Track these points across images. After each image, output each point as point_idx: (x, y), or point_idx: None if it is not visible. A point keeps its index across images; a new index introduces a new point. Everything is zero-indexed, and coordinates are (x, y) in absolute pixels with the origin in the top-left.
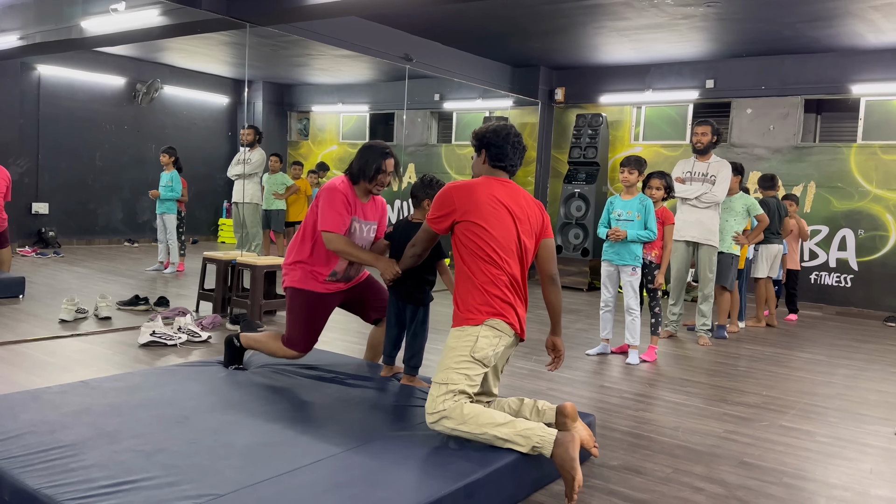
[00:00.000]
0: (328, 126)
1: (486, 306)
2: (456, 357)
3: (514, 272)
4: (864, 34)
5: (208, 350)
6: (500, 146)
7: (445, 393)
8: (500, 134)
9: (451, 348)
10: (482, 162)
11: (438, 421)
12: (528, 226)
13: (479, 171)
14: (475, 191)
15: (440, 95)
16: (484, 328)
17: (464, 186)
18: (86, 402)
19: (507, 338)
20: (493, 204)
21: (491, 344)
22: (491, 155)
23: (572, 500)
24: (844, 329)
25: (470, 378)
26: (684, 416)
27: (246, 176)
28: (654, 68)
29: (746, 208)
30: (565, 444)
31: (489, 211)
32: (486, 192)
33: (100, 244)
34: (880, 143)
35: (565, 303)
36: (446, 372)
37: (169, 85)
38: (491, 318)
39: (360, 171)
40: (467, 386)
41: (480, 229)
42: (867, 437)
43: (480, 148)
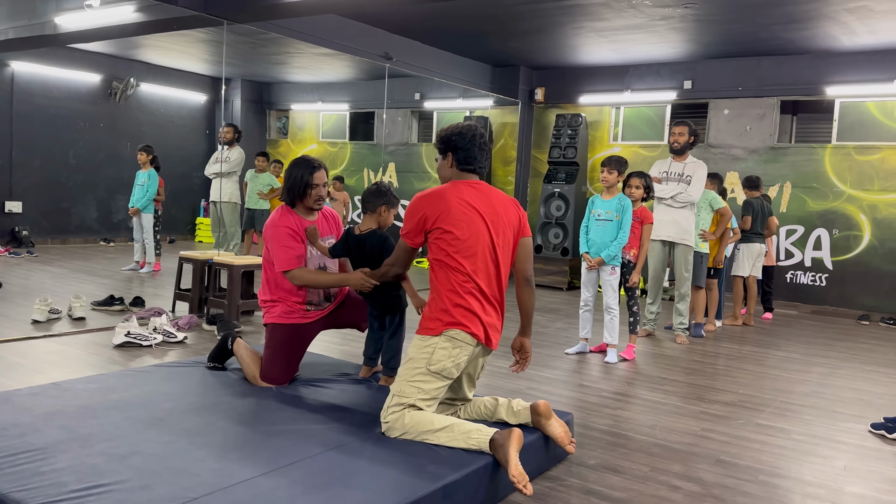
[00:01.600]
0: (308, 125)
1: (447, 315)
2: (412, 369)
3: (483, 279)
4: (839, 36)
5: (184, 351)
6: (467, 149)
7: (395, 405)
8: (466, 136)
9: (410, 358)
10: (449, 166)
11: (387, 431)
12: (503, 226)
13: (446, 176)
14: (444, 197)
15: (420, 94)
16: (442, 339)
17: (432, 194)
18: (57, 405)
19: (468, 347)
20: (464, 208)
21: (450, 355)
22: (458, 158)
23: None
24: (819, 328)
25: (423, 391)
26: (662, 414)
27: (224, 175)
28: (633, 69)
29: (708, 202)
30: (501, 443)
31: (459, 216)
32: (456, 198)
33: (74, 243)
34: (854, 143)
35: (545, 302)
36: (401, 384)
37: (145, 82)
38: (450, 329)
39: (290, 191)
40: (419, 399)
41: (449, 235)
42: (841, 435)
43: (446, 151)
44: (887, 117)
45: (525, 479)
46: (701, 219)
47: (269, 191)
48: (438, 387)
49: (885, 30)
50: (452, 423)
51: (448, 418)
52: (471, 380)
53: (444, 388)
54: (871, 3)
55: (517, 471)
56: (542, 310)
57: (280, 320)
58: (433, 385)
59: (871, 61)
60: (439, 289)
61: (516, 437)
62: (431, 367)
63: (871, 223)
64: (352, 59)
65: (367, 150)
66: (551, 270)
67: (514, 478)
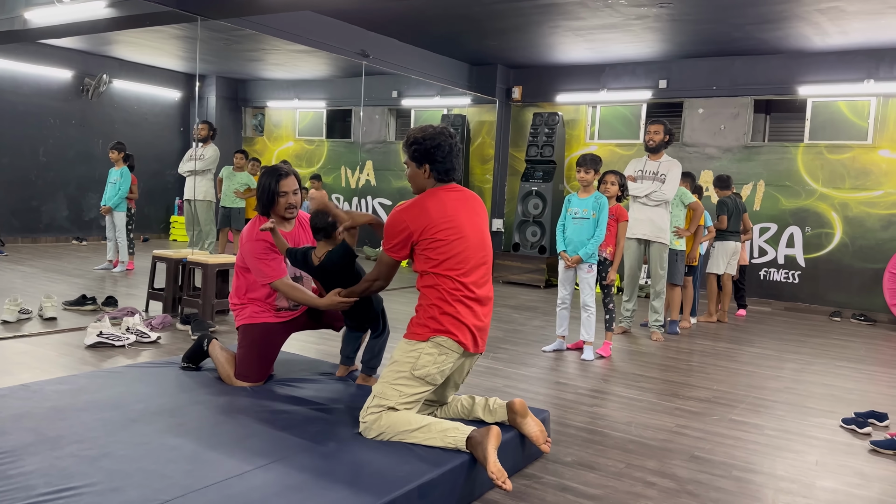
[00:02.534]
0: (284, 122)
1: (434, 322)
2: (396, 372)
3: (471, 282)
4: (811, 37)
5: (158, 351)
6: (446, 160)
7: (374, 406)
8: (444, 148)
9: (395, 361)
10: (426, 177)
11: (364, 431)
12: (482, 224)
13: (421, 185)
14: (426, 209)
15: (398, 92)
16: (429, 345)
17: (413, 207)
18: (27, 406)
19: (454, 354)
20: (448, 216)
21: (435, 362)
22: (438, 170)
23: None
24: (792, 324)
25: (405, 395)
26: (637, 411)
27: (198, 172)
28: (609, 68)
29: (679, 198)
30: (478, 441)
31: (444, 226)
32: (438, 206)
33: (46, 242)
34: (826, 142)
35: (522, 300)
36: (383, 385)
37: (118, 79)
38: (437, 336)
39: (261, 202)
40: (399, 403)
41: (437, 244)
42: (813, 430)
43: (423, 162)
44: (858, 117)
45: (504, 476)
46: (674, 216)
47: (244, 190)
48: (421, 392)
49: (857, 30)
50: (429, 423)
51: (425, 418)
52: (455, 385)
53: (427, 393)
54: (842, 3)
55: (496, 468)
56: (519, 307)
57: (251, 320)
58: (415, 390)
59: (842, 61)
60: (428, 296)
61: (494, 435)
62: (416, 372)
63: (842, 221)
64: (328, 56)
65: (345, 147)
66: (528, 269)
67: (492, 475)
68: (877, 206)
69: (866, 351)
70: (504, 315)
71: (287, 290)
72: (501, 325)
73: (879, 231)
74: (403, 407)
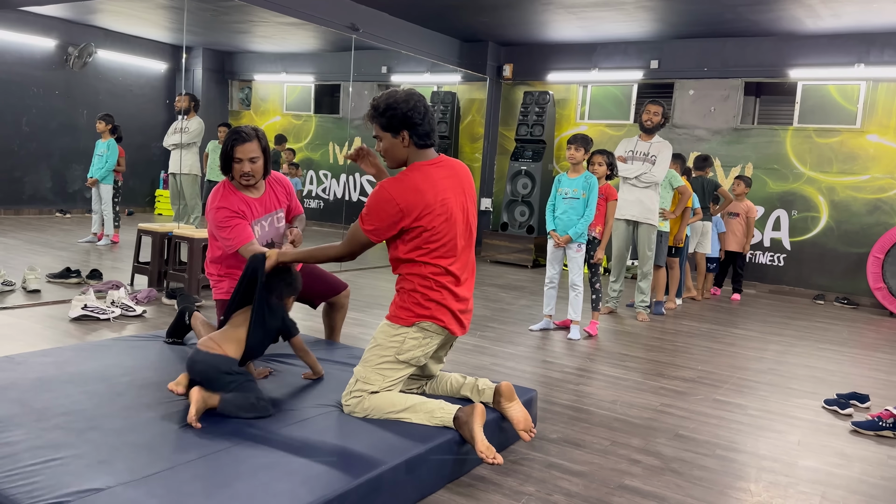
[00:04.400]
0: (271, 96)
1: (419, 307)
2: (379, 356)
3: (459, 265)
4: (803, 19)
5: (143, 325)
6: (423, 123)
7: (357, 391)
8: (419, 109)
9: (378, 345)
10: (405, 145)
11: (348, 413)
12: (471, 200)
13: (401, 156)
14: (421, 189)
15: (388, 68)
16: (413, 329)
17: (408, 188)
18: (11, 378)
19: (438, 337)
20: (441, 199)
21: (420, 345)
22: (418, 134)
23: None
24: (776, 307)
25: (388, 378)
26: (623, 390)
27: (183, 146)
28: (601, 47)
29: (668, 180)
30: (464, 419)
31: (438, 211)
32: (431, 188)
33: (29, 214)
34: (815, 126)
35: (510, 279)
36: (366, 369)
37: (103, 49)
38: (422, 321)
39: (220, 161)
40: (383, 386)
41: (429, 233)
42: (796, 410)
43: (399, 129)
44: (847, 101)
45: (492, 452)
46: (661, 197)
47: None
48: (404, 374)
49: (849, 14)
50: (415, 403)
51: (410, 397)
52: (438, 359)
53: (409, 373)
54: None
55: (483, 445)
56: (506, 287)
57: (227, 297)
58: (399, 373)
59: (833, 45)
60: (412, 281)
61: (479, 413)
62: (400, 357)
63: (828, 205)
64: (317, 29)
65: (333, 123)
66: (516, 248)
67: (482, 454)
68: (863, 190)
69: (849, 334)
70: (491, 294)
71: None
72: (489, 304)
73: (865, 215)
74: (387, 390)
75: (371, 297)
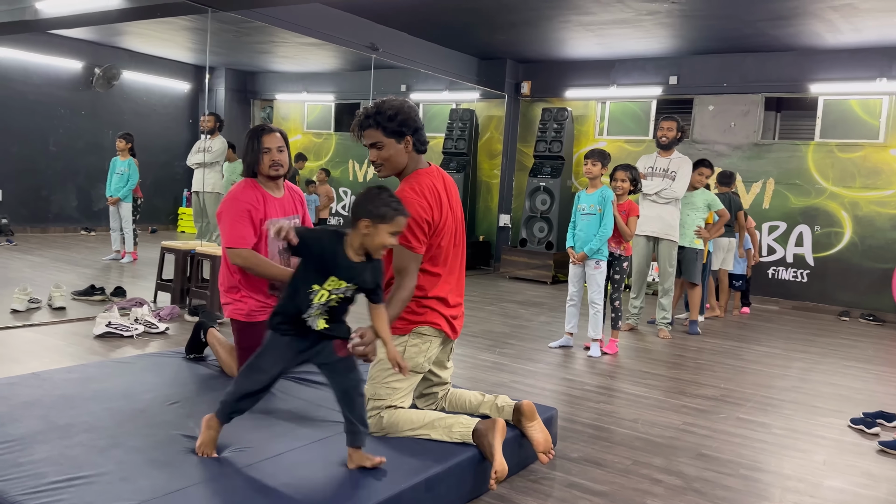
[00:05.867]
0: (292, 115)
1: (413, 314)
2: (383, 371)
3: (453, 276)
4: (823, 34)
5: (166, 341)
6: (422, 127)
7: (371, 409)
8: (417, 114)
9: (380, 359)
10: (407, 150)
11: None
12: (457, 205)
13: (401, 163)
14: (439, 195)
15: (407, 86)
16: (412, 337)
17: (431, 193)
18: (36, 395)
19: (437, 340)
20: (443, 199)
21: (420, 351)
22: (418, 140)
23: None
24: (800, 323)
25: (397, 389)
26: (644, 408)
27: (206, 164)
28: (619, 64)
29: (707, 203)
30: (484, 433)
31: (446, 211)
32: (444, 195)
33: (55, 232)
34: (837, 141)
35: (529, 296)
36: (374, 386)
37: (128, 70)
38: (418, 326)
39: (245, 161)
40: (395, 399)
41: (437, 238)
42: (821, 429)
43: (405, 134)
44: (870, 115)
45: (503, 476)
46: (697, 217)
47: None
48: (412, 382)
49: (870, 28)
50: (433, 419)
51: (427, 414)
52: (441, 364)
53: (417, 380)
54: (855, 1)
55: (500, 465)
56: (525, 303)
57: (248, 319)
58: (407, 382)
59: (854, 59)
60: None
61: (500, 429)
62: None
63: (852, 220)
64: (337, 49)
65: (353, 141)
66: (535, 264)
67: (495, 473)
68: (887, 205)
69: (875, 351)
70: (510, 311)
71: (250, 262)
72: (508, 321)
73: (889, 231)
74: (400, 402)
75: None
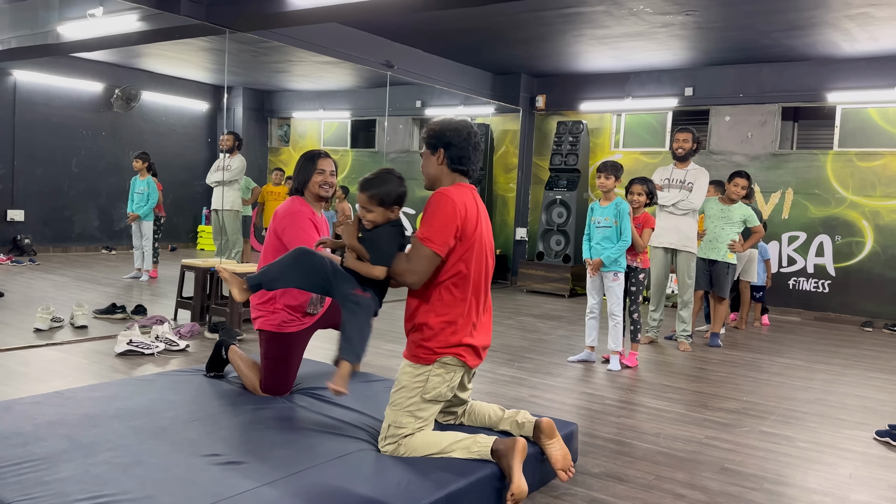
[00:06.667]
0: (309, 132)
1: (439, 345)
2: (406, 399)
3: (479, 293)
4: (839, 43)
5: (186, 359)
6: (462, 147)
7: (391, 437)
8: (462, 133)
9: (403, 387)
10: (438, 163)
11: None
12: (489, 234)
13: (434, 173)
14: (468, 205)
15: (422, 102)
16: (435, 367)
17: (461, 200)
18: (60, 413)
19: (460, 370)
20: (476, 220)
21: (444, 381)
22: (451, 156)
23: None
24: (822, 334)
25: (419, 418)
26: (666, 422)
27: (225, 183)
28: (634, 76)
29: (744, 219)
30: (503, 452)
31: (474, 230)
32: (474, 208)
33: (76, 251)
34: (856, 150)
35: (547, 309)
36: (395, 413)
37: (147, 91)
38: (443, 356)
39: (298, 177)
40: (416, 427)
41: (464, 252)
42: (846, 442)
43: (437, 147)
44: (889, 123)
45: (522, 497)
46: (733, 232)
47: (249, 195)
48: (434, 409)
49: (886, 36)
50: (451, 442)
51: (446, 435)
52: (463, 388)
53: (439, 408)
54: (871, 9)
55: (517, 486)
56: (543, 316)
57: (278, 329)
58: (428, 411)
59: (871, 68)
60: (435, 311)
61: (520, 449)
62: (427, 396)
63: (873, 229)
64: (353, 66)
65: (369, 157)
66: (553, 277)
67: (512, 495)
68: None
69: None
70: (528, 324)
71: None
72: (526, 335)
73: None
74: (423, 426)
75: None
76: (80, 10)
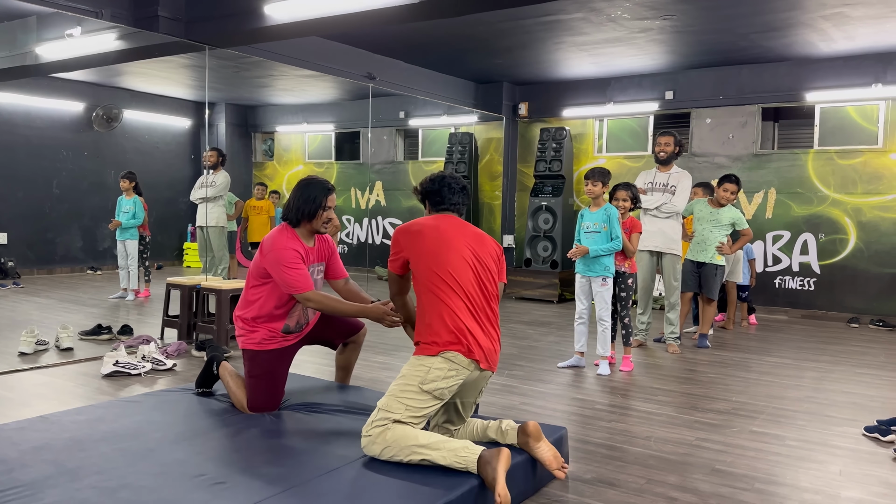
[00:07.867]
0: (293, 146)
1: (442, 338)
2: (403, 386)
3: (474, 298)
4: (817, 43)
5: (174, 378)
6: (437, 191)
7: (380, 419)
8: (436, 181)
9: (402, 375)
10: (427, 210)
11: (367, 445)
12: (482, 253)
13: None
14: (419, 226)
15: (405, 113)
16: (438, 359)
17: (410, 226)
18: (45, 438)
19: (464, 371)
20: (437, 234)
21: (445, 376)
22: (432, 202)
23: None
24: (810, 332)
25: (411, 408)
26: (656, 425)
27: (210, 199)
28: (615, 81)
29: (732, 222)
30: (488, 460)
31: (435, 242)
32: (430, 226)
33: (61, 273)
34: (836, 148)
35: (536, 315)
36: (388, 399)
37: (129, 109)
38: (447, 350)
39: (300, 210)
40: (406, 416)
41: (431, 261)
42: (836, 439)
43: (423, 200)
44: (867, 121)
45: (507, 501)
46: (722, 234)
47: (234, 210)
48: (428, 406)
49: (862, 35)
50: (438, 440)
51: (433, 435)
52: (467, 406)
53: (434, 408)
54: (846, 9)
55: (503, 492)
56: (533, 323)
57: (259, 347)
58: (423, 404)
59: (849, 66)
60: (433, 312)
61: (504, 458)
62: (424, 386)
63: (856, 226)
64: (335, 79)
65: (354, 169)
66: (541, 284)
67: (499, 497)
68: (890, 209)
69: (887, 357)
70: (518, 331)
71: (324, 301)
72: (516, 342)
73: (894, 235)
74: (412, 420)
75: (399, 339)
76: (58, 31)
